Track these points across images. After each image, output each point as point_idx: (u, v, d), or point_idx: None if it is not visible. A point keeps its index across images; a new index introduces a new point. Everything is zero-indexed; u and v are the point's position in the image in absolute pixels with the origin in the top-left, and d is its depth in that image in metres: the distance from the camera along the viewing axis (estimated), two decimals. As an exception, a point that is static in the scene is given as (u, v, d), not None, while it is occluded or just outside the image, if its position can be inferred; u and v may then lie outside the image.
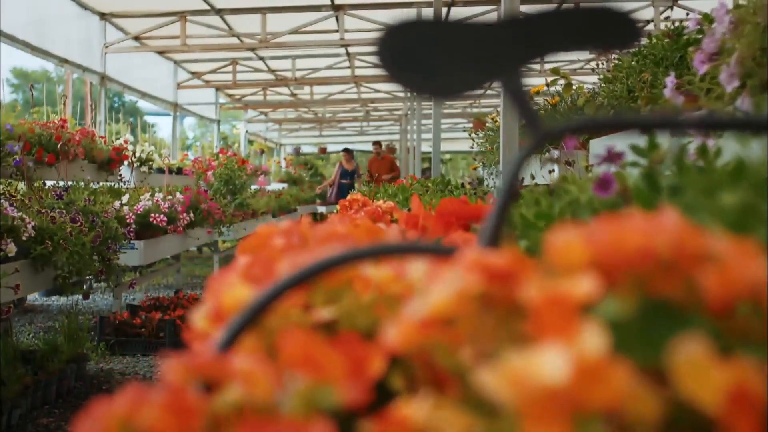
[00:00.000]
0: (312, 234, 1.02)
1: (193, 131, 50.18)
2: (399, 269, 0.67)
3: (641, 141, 2.55)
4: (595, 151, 3.23)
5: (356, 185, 17.28)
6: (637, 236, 0.48)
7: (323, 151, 23.35)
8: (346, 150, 18.15)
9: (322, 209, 17.53)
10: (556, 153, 3.87)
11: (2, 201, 3.78)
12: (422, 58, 0.62)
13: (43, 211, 4.29)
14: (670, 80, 1.94)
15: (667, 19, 11.42)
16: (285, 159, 22.17)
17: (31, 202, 4.53)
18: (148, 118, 37.70)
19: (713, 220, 0.69)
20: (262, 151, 21.10)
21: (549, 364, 0.42)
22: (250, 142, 21.17)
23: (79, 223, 4.42)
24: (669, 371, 0.43)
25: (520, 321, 0.50)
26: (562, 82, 3.58)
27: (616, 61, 3.40)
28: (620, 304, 0.47)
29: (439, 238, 1.67)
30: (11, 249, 3.61)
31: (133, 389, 0.47)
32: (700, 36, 2.71)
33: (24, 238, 3.84)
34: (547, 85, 4.20)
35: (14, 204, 4.12)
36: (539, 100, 4.56)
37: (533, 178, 4.38)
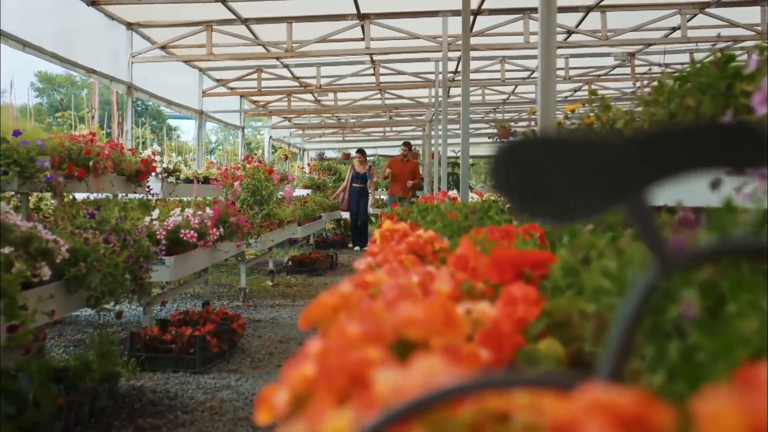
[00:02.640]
0: (386, 316, 0.99)
1: (215, 135, 50.38)
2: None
3: (694, 182, 2.45)
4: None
5: (369, 190, 17.00)
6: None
7: (346, 156, 23.31)
8: (360, 151, 17.57)
9: (346, 215, 17.43)
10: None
11: (37, 224, 3.77)
12: (539, 179, 0.59)
13: (76, 232, 4.28)
14: (727, 119, 1.89)
15: (714, 47, 11.41)
16: (308, 164, 22.19)
17: (64, 222, 4.52)
18: (171, 121, 37.92)
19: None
20: (286, 157, 21.12)
21: None
22: (274, 148, 21.19)
23: (112, 244, 4.42)
24: None
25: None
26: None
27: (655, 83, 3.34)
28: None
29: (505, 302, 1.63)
30: (45, 273, 3.60)
31: None
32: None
33: (58, 261, 3.83)
34: (584, 104, 4.16)
35: (48, 226, 4.11)
36: (572, 118, 4.50)
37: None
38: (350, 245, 17.04)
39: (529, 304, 1.29)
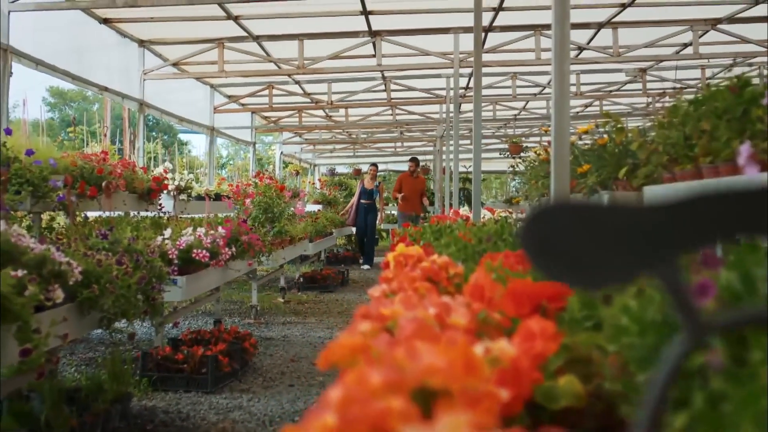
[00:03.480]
0: (408, 364, 0.98)
1: (226, 149, 50.52)
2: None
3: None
4: (649, 196, 3.16)
5: (378, 205, 16.75)
6: None
7: (358, 172, 23.32)
8: (375, 165, 17.35)
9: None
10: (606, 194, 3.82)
11: (50, 247, 3.77)
12: (569, 246, 0.58)
13: (89, 253, 4.28)
14: (745, 148, 1.87)
15: (729, 69, 11.43)
16: (319, 180, 22.21)
17: (77, 243, 4.52)
18: (182, 135, 38.06)
19: None
20: (297, 173, 21.15)
21: None
22: (285, 163, 21.23)
23: (124, 265, 4.41)
24: None
25: None
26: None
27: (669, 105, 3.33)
28: None
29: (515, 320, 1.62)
30: (59, 296, 3.59)
31: None
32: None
33: (71, 283, 3.83)
34: (597, 126, 4.15)
35: (61, 248, 4.11)
36: (586, 139, 4.48)
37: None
38: (361, 262, 16.71)
39: (547, 339, 1.28)
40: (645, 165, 3.39)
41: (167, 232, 5.93)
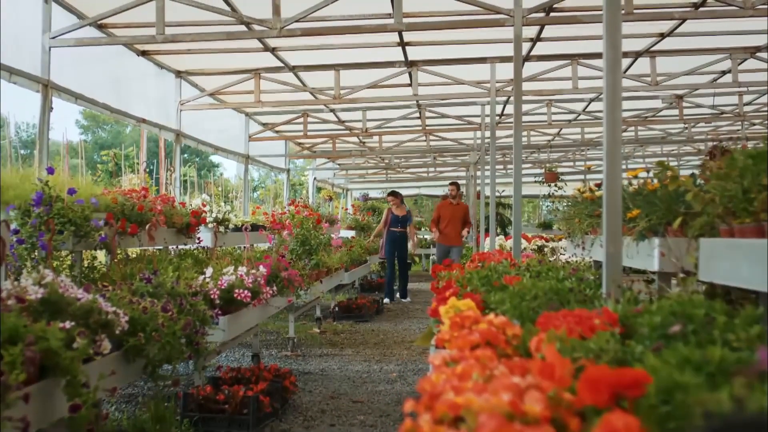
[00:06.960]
0: None
1: (257, 171, 50.81)
2: None
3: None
4: (705, 248, 3.09)
5: (409, 233, 15.54)
6: None
7: (391, 197, 23.33)
8: (394, 193, 15.47)
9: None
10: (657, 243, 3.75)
11: (97, 296, 3.75)
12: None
13: (134, 300, 4.26)
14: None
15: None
16: (352, 205, 22.23)
17: (122, 289, 4.51)
18: (213, 158, 38.27)
19: None
20: (330, 198, 21.18)
21: None
22: (318, 188, 21.29)
23: (170, 312, 4.39)
24: None
25: None
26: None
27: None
28: None
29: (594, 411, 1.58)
30: (106, 347, 3.57)
31: None
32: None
33: (117, 332, 3.81)
34: (648, 171, 4.09)
35: (107, 295, 4.10)
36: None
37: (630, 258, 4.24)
38: (386, 301, 14.81)
39: (631, 437, 1.24)
40: (699, 215, 3.33)
41: (208, 271, 5.92)
